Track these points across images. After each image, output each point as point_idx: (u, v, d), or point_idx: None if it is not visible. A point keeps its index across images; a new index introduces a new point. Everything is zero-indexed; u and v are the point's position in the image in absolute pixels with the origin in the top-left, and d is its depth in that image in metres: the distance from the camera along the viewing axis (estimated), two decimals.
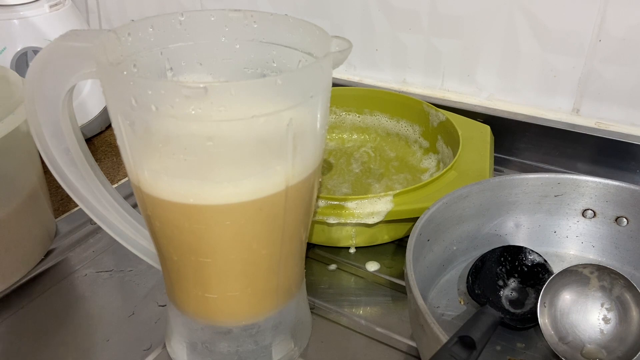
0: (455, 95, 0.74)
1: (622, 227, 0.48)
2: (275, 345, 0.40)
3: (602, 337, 0.41)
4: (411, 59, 0.75)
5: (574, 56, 0.64)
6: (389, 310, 0.47)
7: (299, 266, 0.40)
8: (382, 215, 0.48)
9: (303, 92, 0.30)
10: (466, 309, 0.45)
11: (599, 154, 0.65)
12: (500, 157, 0.68)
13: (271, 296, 0.38)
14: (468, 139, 0.59)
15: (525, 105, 0.70)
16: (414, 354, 0.43)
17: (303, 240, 0.39)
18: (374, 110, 0.70)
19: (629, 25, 0.60)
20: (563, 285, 0.43)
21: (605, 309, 0.42)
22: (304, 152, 0.32)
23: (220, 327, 0.38)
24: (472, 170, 0.54)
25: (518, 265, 0.47)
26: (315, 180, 0.36)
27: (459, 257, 0.49)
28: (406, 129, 0.68)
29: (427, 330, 0.35)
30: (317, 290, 0.49)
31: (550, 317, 0.42)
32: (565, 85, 0.67)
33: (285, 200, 0.33)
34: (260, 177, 0.31)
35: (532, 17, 0.65)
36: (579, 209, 0.49)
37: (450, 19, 0.70)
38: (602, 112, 0.66)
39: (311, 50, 0.36)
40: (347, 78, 0.81)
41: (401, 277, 0.50)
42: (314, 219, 0.49)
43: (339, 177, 0.63)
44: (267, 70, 0.39)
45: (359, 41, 0.77)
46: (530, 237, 0.50)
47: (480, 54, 0.70)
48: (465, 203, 0.47)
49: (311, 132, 0.32)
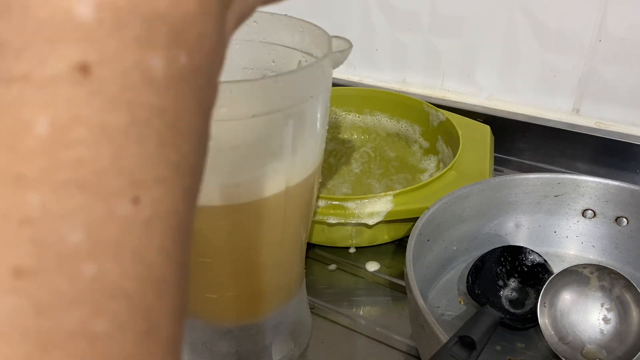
0: (455, 95, 0.74)
1: (622, 227, 0.48)
2: (275, 345, 0.40)
3: (602, 337, 0.41)
4: (411, 59, 0.75)
5: (574, 56, 0.64)
6: (389, 310, 0.47)
7: (299, 266, 0.40)
8: (382, 215, 0.48)
9: (303, 92, 0.30)
10: (466, 309, 0.45)
11: (599, 154, 0.65)
12: (500, 157, 0.68)
13: (271, 296, 0.38)
14: (468, 139, 0.59)
15: (525, 105, 0.70)
16: (414, 354, 0.43)
17: (303, 240, 0.39)
18: (374, 110, 0.70)
19: (629, 25, 0.60)
20: (563, 285, 0.43)
21: (605, 309, 0.42)
22: (304, 152, 0.32)
23: (220, 327, 0.38)
24: (472, 170, 0.54)
25: (518, 265, 0.47)
26: (315, 180, 0.36)
27: (459, 257, 0.49)
28: (406, 129, 0.68)
29: (427, 330, 0.34)
30: (317, 290, 0.49)
31: (550, 317, 0.42)
32: (565, 85, 0.67)
33: (285, 201, 0.33)
34: (260, 178, 0.31)
35: (532, 17, 0.65)
36: (579, 209, 0.49)
37: (450, 19, 0.70)
38: (602, 112, 0.66)
39: (311, 50, 0.36)
40: (347, 78, 0.81)
41: (401, 277, 0.50)
42: (314, 219, 0.49)
43: (339, 177, 0.63)
44: (267, 70, 0.39)
45: (359, 41, 0.77)
46: (530, 237, 0.50)
47: (480, 54, 0.70)
48: (465, 203, 0.47)
49: (311, 132, 0.32)
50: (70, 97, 0.11)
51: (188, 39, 0.13)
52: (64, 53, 0.11)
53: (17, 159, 0.11)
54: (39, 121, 0.11)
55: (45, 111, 0.11)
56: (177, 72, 0.13)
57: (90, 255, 0.11)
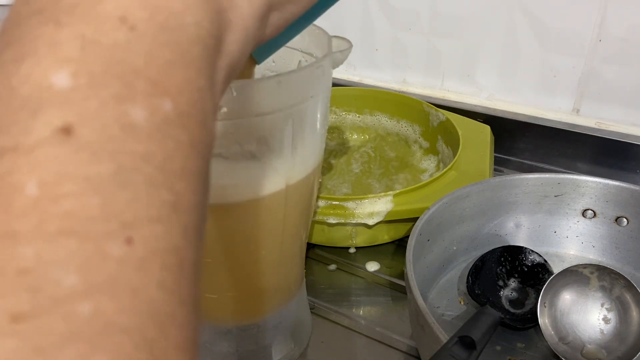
0: (455, 95, 0.74)
1: (622, 227, 0.48)
2: (275, 345, 0.40)
3: (602, 337, 0.41)
4: (411, 59, 0.75)
5: (574, 56, 0.64)
6: (389, 310, 0.47)
7: (299, 266, 0.40)
8: (382, 216, 0.48)
9: (303, 92, 0.30)
10: (466, 309, 0.45)
11: (599, 154, 0.65)
12: (500, 157, 0.68)
13: (271, 296, 0.38)
14: (468, 139, 0.59)
15: (525, 105, 0.70)
16: (414, 354, 0.42)
17: (303, 240, 0.38)
18: (374, 110, 0.70)
19: (629, 25, 0.60)
20: (563, 285, 0.43)
21: (606, 309, 0.42)
22: (304, 152, 0.32)
23: (220, 327, 0.38)
24: (472, 170, 0.54)
25: (518, 265, 0.47)
26: (315, 180, 0.36)
27: (459, 257, 0.49)
28: (406, 129, 0.68)
29: (427, 330, 0.34)
30: (317, 290, 0.49)
31: (551, 317, 0.42)
32: (565, 85, 0.67)
33: (285, 200, 0.33)
34: (260, 177, 0.31)
35: (532, 17, 0.65)
36: (579, 209, 0.49)
37: (450, 19, 0.70)
38: (602, 112, 0.66)
39: (311, 50, 0.36)
40: (347, 78, 0.81)
41: (401, 277, 0.50)
42: (314, 219, 0.49)
43: (339, 177, 0.63)
44: (267, 70, 0.39)
45: (359, 41, 0.77)
46: (530, 237, 0.50)
47: (480, 54, 0.70)
48: (465, 203, 0.47)
49: (311, 132, 0.32)
50: (55, 157, 0.12)
51: (169, 87, 0.14)
52: (46, 120, 0.12)
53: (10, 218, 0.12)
54: (28, 183, 0.12)
55: (33, 174, 0.12)
56: (162, 118, 0.14)
57: (85, 296, 0.11)
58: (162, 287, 0.13)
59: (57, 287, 0.11)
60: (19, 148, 0.12)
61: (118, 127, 0.13)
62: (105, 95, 0.13)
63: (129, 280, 0.12)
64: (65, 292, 0.11)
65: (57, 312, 0.11)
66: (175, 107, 0.14)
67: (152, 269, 0.13)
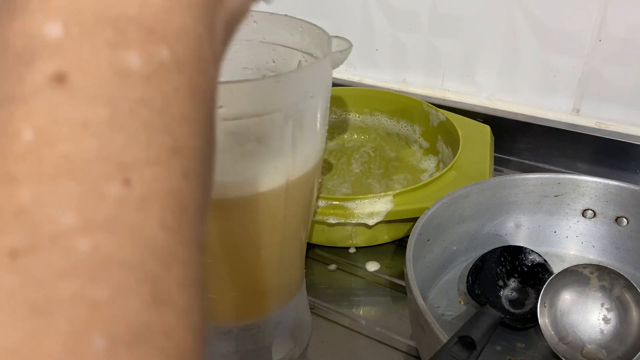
0: (455, 95, 0.74)
1: (622, 227, 0.48)
2: (275, 345, 0.40)
3: (602, 337, 0.41)
4: (411, 59, 0.75)
5: (574, 56, 0.64)
6: (389, 310, 0.47)
7: (299, 266, 0.40)
8: (382, 216, 0.48)
9: (303, 92, 0.30)
10: (466, 309, 0.45)
11: (599, 154, 0.65)
12: (500, 157, 0.68)
13: (271, 296, 0.38)
14: (468, 139, 0.59)
15: (525, 105, 0.70)
16: (414, 354, 0.43)
17: (303, 240, 0.39)
18: (374, 110, 0.70)
19: (629, 25, 0.60)
20: (563, 285, 0.43)
21: (606, 309, 0.42)
22: (304, 151, 0.32)
23: (220, 327, 0.38)
24: (472, 170, 0.54)
25: (518, 265, 0.47)
26: (315, 179, 0.36)
27: (459, 257, 0.49)
28: (406, 129, 0.68)
29: (427, 330, 0.34)
30: (317, 290, 0.49)
31: (551, 317, 0.42)
32: (565, 85, 0.67)
33: (285, 198, 0.33)
34: (260, 176, 0.31)
35: (532, 17, 0.65)
36: (579, 209, 0.49)
37: (450, 19, 0.70)
38: (602, 112, 0.66)
39: (311, 50, 0.36)
40: (347, 78, 0.81)
41: (401, 277, 0.50)
42: (314, 219, 0.49)
43: (339, 177, 0.63)
44: (267, 70, 0.39)
45: (359, 41, 0.77)
46: (530, 237, 0.50)
47: (480, 54, 0.70)
48: (465, 203, 0.47)
49: (311, 132, 0.32)
50: (49, 104, 0.12)
51: (166, 34, 0.14)
52: (39, 69, 0.13)
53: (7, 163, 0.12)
54: (24, 130, 0.12)
55: (28, 120, 0.12)
56: (158, 64, 0.14)
57: (83, 232, 0.12)
58: (163, 227, 0.13)
59: (55, 225, 0.12)
60: (15, 97, 0.12)
61: (113, 73, 0.13)
62: (98, 42, 0.13)
63: (128, 219, 0.12)
64: (63, 229, 0.12)
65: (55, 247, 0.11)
66: (173, 53, 0.14)
67: (151, 210, 0.13)
